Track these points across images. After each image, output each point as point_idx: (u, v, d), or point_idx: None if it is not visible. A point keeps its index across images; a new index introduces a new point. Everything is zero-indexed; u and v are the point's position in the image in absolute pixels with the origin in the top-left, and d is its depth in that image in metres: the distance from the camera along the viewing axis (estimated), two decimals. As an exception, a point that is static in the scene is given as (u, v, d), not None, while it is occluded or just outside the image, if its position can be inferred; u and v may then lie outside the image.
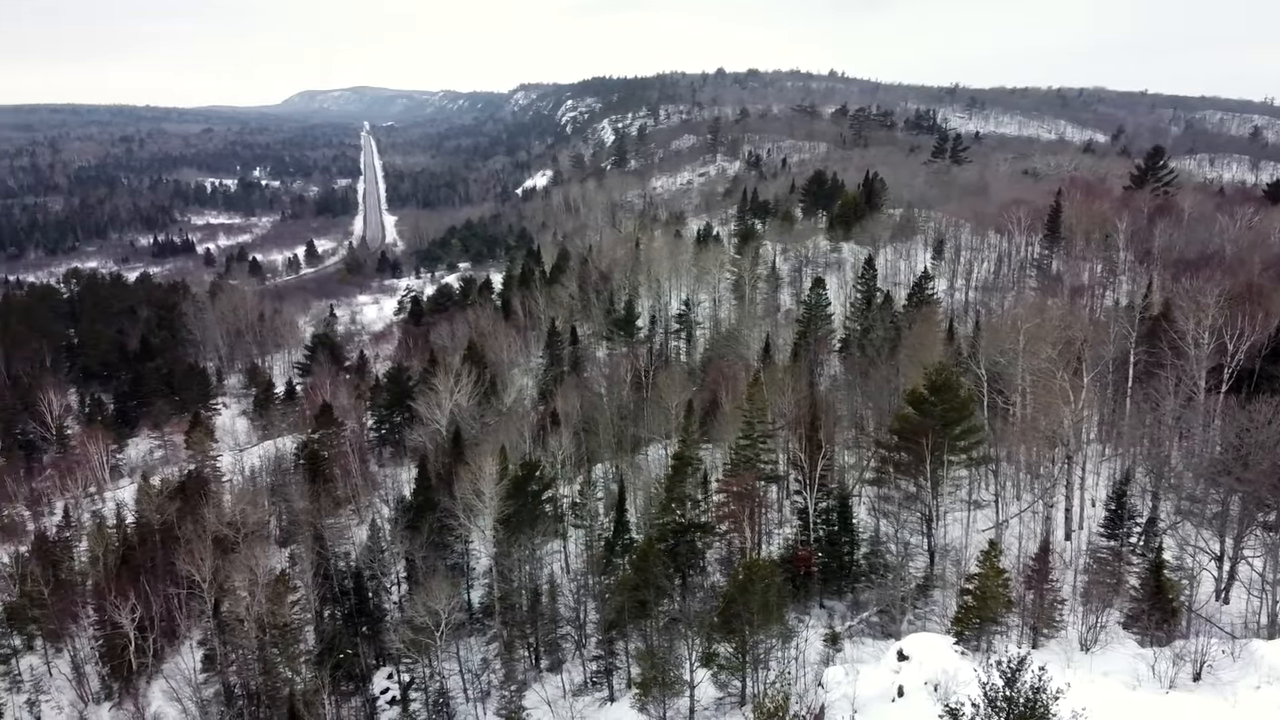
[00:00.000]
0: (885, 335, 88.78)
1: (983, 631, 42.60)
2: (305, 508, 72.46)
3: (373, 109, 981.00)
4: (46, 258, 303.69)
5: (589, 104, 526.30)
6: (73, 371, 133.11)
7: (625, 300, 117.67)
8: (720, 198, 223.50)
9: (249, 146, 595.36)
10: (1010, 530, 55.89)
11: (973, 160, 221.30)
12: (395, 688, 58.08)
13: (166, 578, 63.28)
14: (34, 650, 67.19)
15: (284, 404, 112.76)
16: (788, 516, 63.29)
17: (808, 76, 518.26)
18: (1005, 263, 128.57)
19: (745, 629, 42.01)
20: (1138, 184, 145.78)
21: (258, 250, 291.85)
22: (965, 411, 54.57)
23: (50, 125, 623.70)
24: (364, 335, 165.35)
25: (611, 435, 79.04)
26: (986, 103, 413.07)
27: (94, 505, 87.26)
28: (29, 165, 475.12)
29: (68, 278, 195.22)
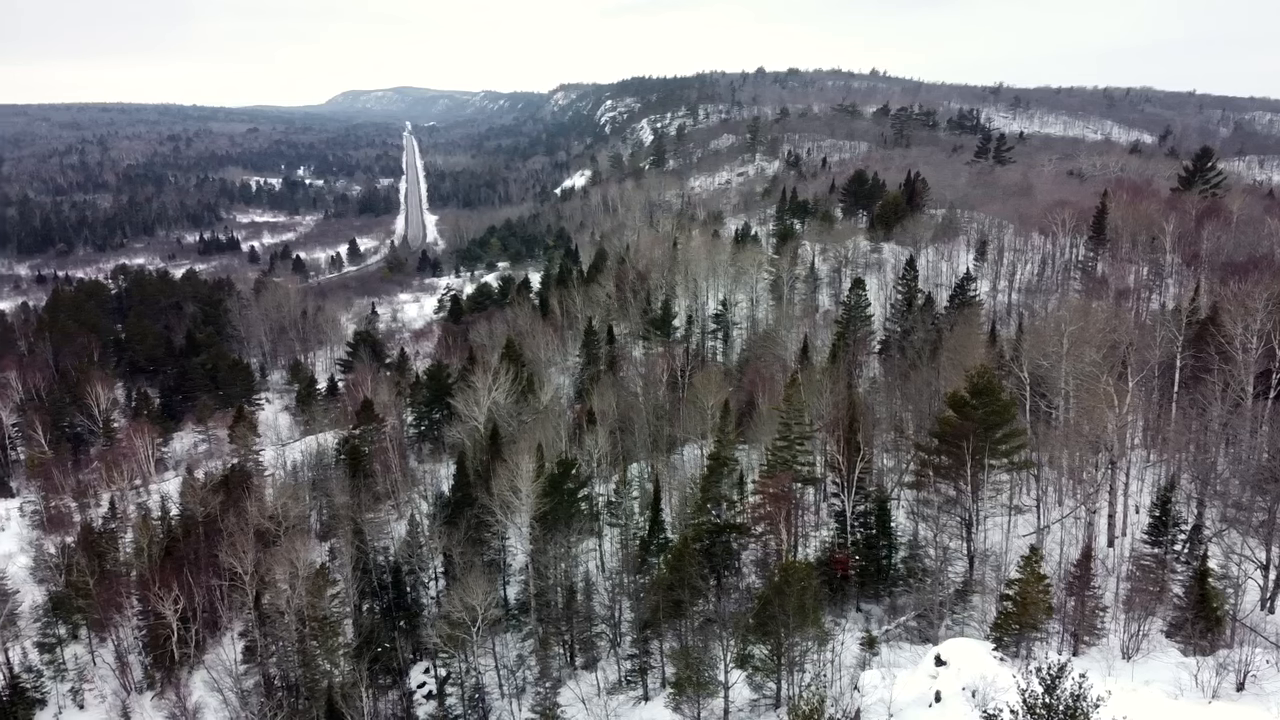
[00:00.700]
0: (926, 337, 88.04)
1: (1022, 638, 42.06)
2: (345, 502, 73.36)
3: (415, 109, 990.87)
4: (95, 254, 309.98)
5: (628, 104, 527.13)
6: (120, 366, 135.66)
7: (662, 300, 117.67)
8: (759, 197, 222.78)
9: (293, 146, 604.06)
10: (1052, 536, 55.15)
11: (1017, 160, 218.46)
12: (432, 682, 58.64)
13: (209, 569, 64.30)
14: (79, 639, 68.56)
15: (326, 400, 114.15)
16: (825, 519, 62.94)
17: (849, 75, 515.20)
18: (1049, 264, 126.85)
19: (781, 631, 41.85)
20: (1185, 185, 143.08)
21: (301, 248, 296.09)
22: (1007, 415, 53.89)
23: (99, 124, 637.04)
24: (405, 333, 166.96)
25: (647, 434, 79.13)
26: (1031, 102, 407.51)
27: (139, 497, 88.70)
28: (78, 163, 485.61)
29: (116, 274, 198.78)
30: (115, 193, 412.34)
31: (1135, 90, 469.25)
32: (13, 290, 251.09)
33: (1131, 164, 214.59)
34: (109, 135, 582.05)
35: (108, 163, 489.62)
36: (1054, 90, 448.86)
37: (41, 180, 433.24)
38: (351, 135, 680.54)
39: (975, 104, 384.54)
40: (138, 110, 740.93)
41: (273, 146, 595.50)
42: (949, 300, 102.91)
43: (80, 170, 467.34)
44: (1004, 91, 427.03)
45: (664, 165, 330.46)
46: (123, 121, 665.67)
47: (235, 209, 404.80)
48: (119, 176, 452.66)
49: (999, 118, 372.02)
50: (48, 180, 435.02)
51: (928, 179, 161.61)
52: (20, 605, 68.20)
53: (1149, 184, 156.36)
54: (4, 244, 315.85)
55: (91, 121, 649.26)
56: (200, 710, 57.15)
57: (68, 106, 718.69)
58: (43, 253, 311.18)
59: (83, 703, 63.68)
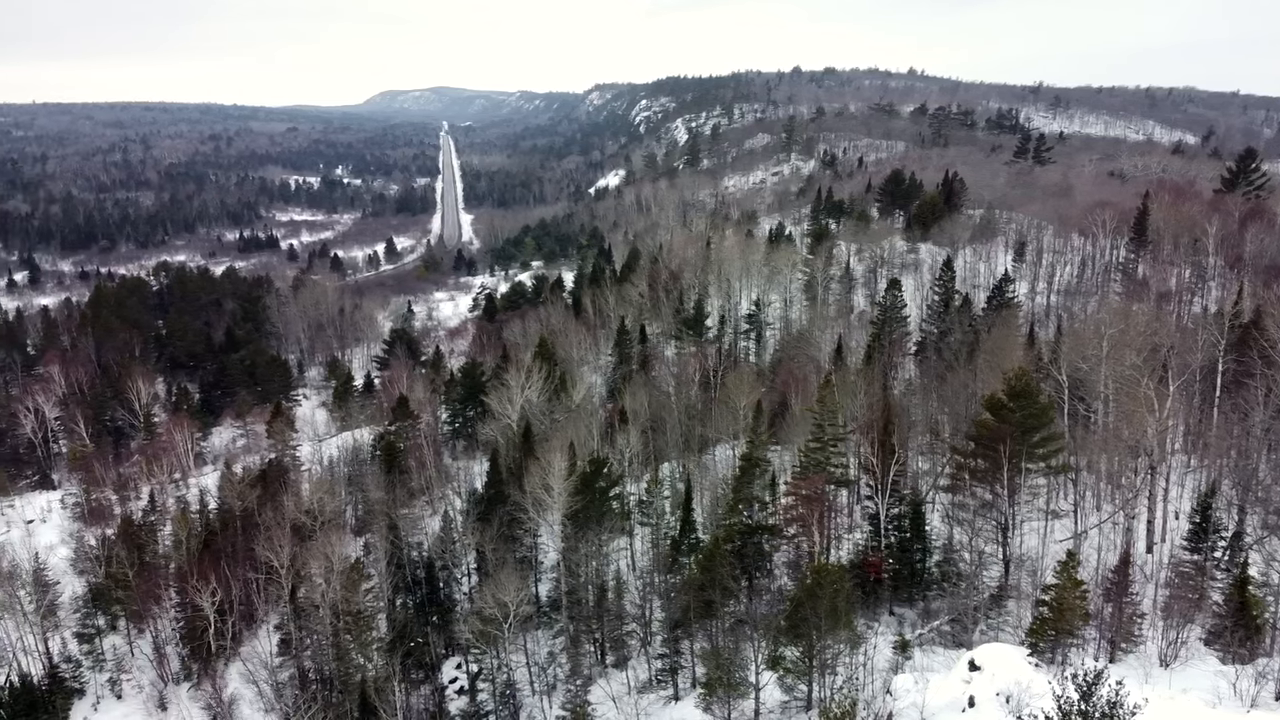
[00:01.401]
0: (963, 339, 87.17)
1: (1058, 644, 41.56)
2: (380, 498, 74.00)
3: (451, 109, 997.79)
4: (137, 251, 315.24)
5: (663, 103, 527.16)
6: (161, 361, 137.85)
7: (695, 300, 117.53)
8: (794, 197, 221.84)
9: (332, 145, 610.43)
10: (1089, 541, 54.43)
11: (1056, 161, 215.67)
12: (463, 678, 59.02)
13: (246, 563, 65.09)
14: (117, 630, 69.69)
15: (362, 396, 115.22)
16: (858, 522, 62.55)
17: (886, 75, 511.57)
18: (1089, 266, 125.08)
19: (812, 633, 41.67)
20: (1228, 187, 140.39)
21: (339, 247, 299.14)
22: (1045, 418, 53.24)
23: (142, 122, 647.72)
24: (440, 331, 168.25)
25: (679, 434, 79.08)
26: (1071, 102, 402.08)
27: (178, 491, 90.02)
28: (121, 161, 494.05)
29: (157, 270, 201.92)
30: (157, 190, 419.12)
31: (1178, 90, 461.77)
32: (56, 286, 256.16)
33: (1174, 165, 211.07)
34: (151, 134, 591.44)
35: (150, 161, 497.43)
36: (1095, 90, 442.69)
37: (85, 178, 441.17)
38: (389, 135, 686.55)
39: (1014, 103, 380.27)
40: (180, 109, 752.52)
41: (311, 146, 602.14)
42: (987, 302, 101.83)
43: (123, 168, 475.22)
44: (1044, 91, 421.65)
45: (698, 165, 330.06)
46: (165, 120, 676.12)
47: (274, 207, 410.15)
48: (161, 175, 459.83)
49: (1039, 117, 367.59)
50: (91, 178, 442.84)
51: (966, 179, 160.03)
52: (61, 596, 69.51)
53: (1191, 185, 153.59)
54: (48, 240, 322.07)
55: (134, 120, 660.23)
56: (236, 702, 57.94)
57: (111, 105, 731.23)
58: (86, 249, 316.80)
59: (120, 693, 64.72)
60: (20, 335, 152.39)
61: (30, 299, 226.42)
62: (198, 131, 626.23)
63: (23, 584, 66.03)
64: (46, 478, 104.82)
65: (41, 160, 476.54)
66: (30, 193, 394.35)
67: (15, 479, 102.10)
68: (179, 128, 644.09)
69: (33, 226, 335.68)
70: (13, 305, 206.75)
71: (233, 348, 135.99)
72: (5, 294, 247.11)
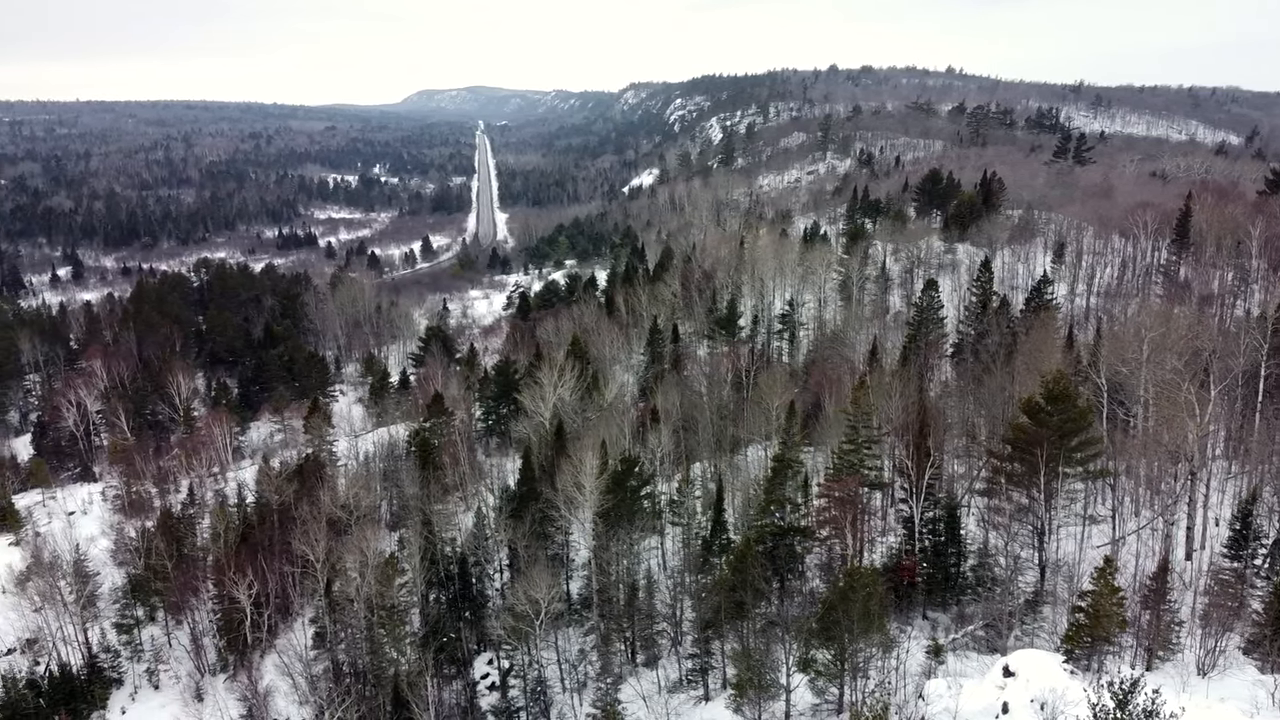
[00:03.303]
0: (1001, 341, 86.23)
1: (1094, 651, 41.06)
2: (415, 493, 74.62)
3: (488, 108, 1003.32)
4: (178, 247, 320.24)
5: (697, 102, 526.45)
6: (200, 356, 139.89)
7: (728, 299, 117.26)
8: (829, 196, 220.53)
9: (369, 144, 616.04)
10: (1127, 547, 53.69)
11: (1097, 161, 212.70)
12: (495, 673, 59.32)
13: (282, 556, 65.83)
14: (155, 621, 70.93)
15: (398, 393, 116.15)
16: (892, 525, 62.12)
17: (924, 73, 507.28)
18: (1130, 268, 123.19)
19: (844, 636, 41.46)
20: (1273, 188, 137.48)
21: (376, 244, 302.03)
22: (1083, 422, 52.52)
23: (184, 121, 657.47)
24: (474, 329, 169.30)
25: (711, 434, 78.91)
26: (1113, 101, 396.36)
27: (217, 484, 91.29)
28: (163, 159, 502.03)
29: (198, 267, 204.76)
30: (198, 188, 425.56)
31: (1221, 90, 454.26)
32: (99, 281, 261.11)
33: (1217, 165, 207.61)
34: (193, 132, 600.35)
35: (191, 159, 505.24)
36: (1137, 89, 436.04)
37: (128, 175, 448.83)
38: (426, 134, 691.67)
39: (1055, 102, 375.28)
40: (221, 108, 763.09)
41: (350, 145, 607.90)
42: (1025, 303, 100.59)
43: (165, 166, 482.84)
44: (1085, 90, 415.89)
45: (732, 163, 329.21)
46: (206, 119, 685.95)
47: (313, 205, 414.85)
48: (202, 172, 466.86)
49: (1079, 117, 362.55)
50: (134, 175, 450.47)
51: (1004, 179, 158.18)
52: (101, 587, 70.84)
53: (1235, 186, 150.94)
54: (91, 236, 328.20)
55: (176, 119, 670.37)
56: (271, 694, 58.59)
57: (153, 104, 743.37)
58: (128, 245, 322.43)
59: (158, 683, 65.81)
60: (64, 330, 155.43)
61: (74, 294, 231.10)
62: (238, 130, 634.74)
63: (63, 574, 67.36)
64: (88, 470, 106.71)
65: (85, 158, 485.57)
66: (74, 189, 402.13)
67: (57, 471, 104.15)
68: (220, 126, 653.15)
69: (76, 223, 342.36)
70: (56, 300, 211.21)
71: (271, 344, 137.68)
72: (49, 289, 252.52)
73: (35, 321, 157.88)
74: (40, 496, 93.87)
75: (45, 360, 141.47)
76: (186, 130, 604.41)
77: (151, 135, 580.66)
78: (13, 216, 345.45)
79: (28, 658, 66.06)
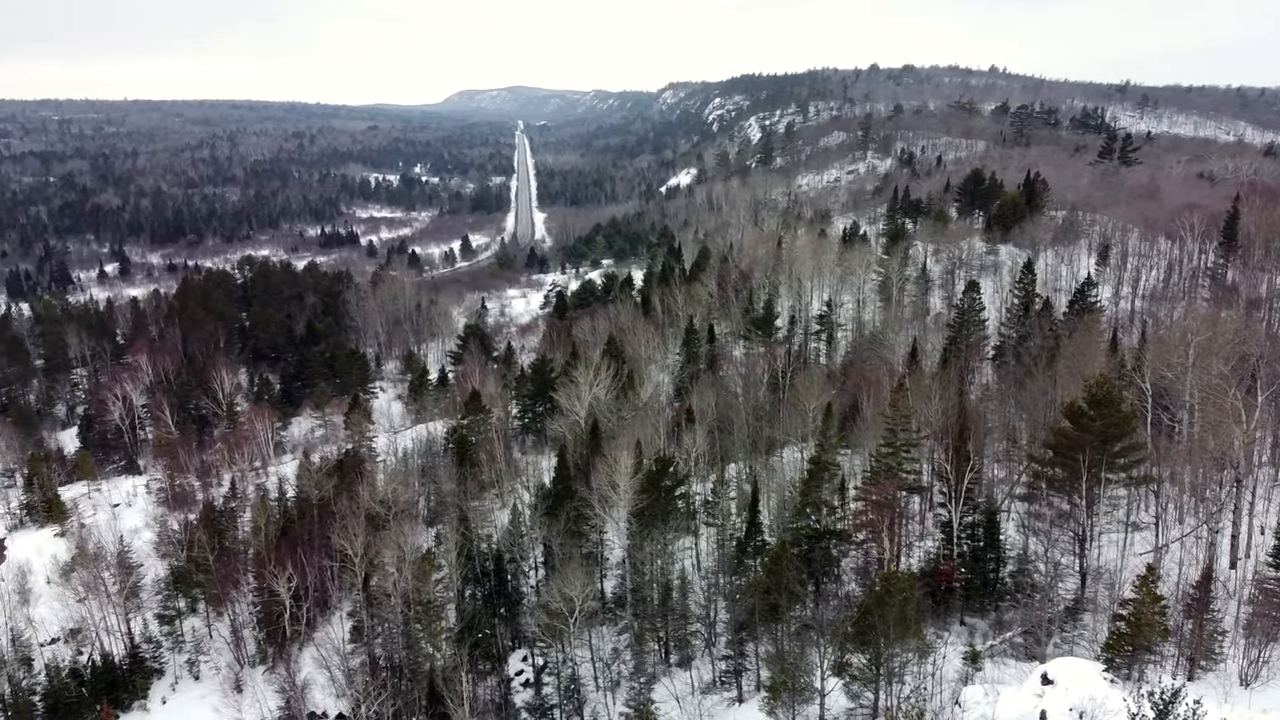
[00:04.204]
0: (1043, 344, 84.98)
1: (1135, 660, 40.40)
2: (452, 490, 75.22)
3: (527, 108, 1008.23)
4: (223, 245, 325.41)
5: (736, 101, 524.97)
6: (244, 352, 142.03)
7: (765, 299, 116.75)
8: (869, 196, 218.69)
9: (411, 144, 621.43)
10: (1170, 555, 52.74)
11: (1143, 162, 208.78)
12: (529, 670, 59.60)
13: (321, 550, 66.76)
14: (197, 613, 72.09)
15: (436, 390, 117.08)
16: (930, 529, 61.52)
17: (966, 72, 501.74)
18: (1176, 271, 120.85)
19: (880, 641, 41.11)
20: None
21: (417, 243, 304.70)
22: (1127, 427, 51.65)
23: (229, 120, 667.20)
24: (512, 327, 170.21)
25: (746, 435, 78.62)
26: (1159, 101, 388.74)
27: (258, 479, 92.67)
28: (209, 158, 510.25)
29: (241, 264, 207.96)
30: (243, 186, 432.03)
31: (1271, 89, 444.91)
32: (145, 278, 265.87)
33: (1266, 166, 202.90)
34: (238, 131, 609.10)
35: (236, 157, 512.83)
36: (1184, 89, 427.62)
37: (174, 173, 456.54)
38: (466, 134, 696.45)
39: (1100, 102, 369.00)
40: (265, 107, 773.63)
41: (391, 144, 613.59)
42: (1068, 306, 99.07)
43: (210, 164, 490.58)
44: (1131, 90, 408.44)
45: (771, 163, 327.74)
46: (251, 118, 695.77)
47: (355, 204, 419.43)
48: (246, 171, 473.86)
49: (1125, 117, 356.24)
50: (180, 173, 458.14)
51: (1048, 179, 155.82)
52: (144, 578, 72.22)
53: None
54: (138, 233, 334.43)
55: (222, 118, 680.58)
56: (308, 686, 59.31)
57: (200, 103, 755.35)
58: (174, 242, 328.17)
59: (198, 674, 66.87)
60: (111, 325, 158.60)
61: (120, 290, 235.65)
62: (282, 129, 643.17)
63: (107, 566, 68.69)
64: (133, 463, 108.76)
65: (132, 156, 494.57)
66: (121, 187, 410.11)
67: (103, 464, 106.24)
68: (265, 125, 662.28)
69: (123, 220, 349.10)
70: (104, 296, 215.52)
71: (313, 340, 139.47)
72: (97, 285, 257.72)
73: (83, 317, 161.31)
74: (86, 489, 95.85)
75: (92, 355, 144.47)
76: (232, 129, 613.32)
77: (197, 134, 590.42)
78: (62, 213, 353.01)
79: (71, 647, 67.49)
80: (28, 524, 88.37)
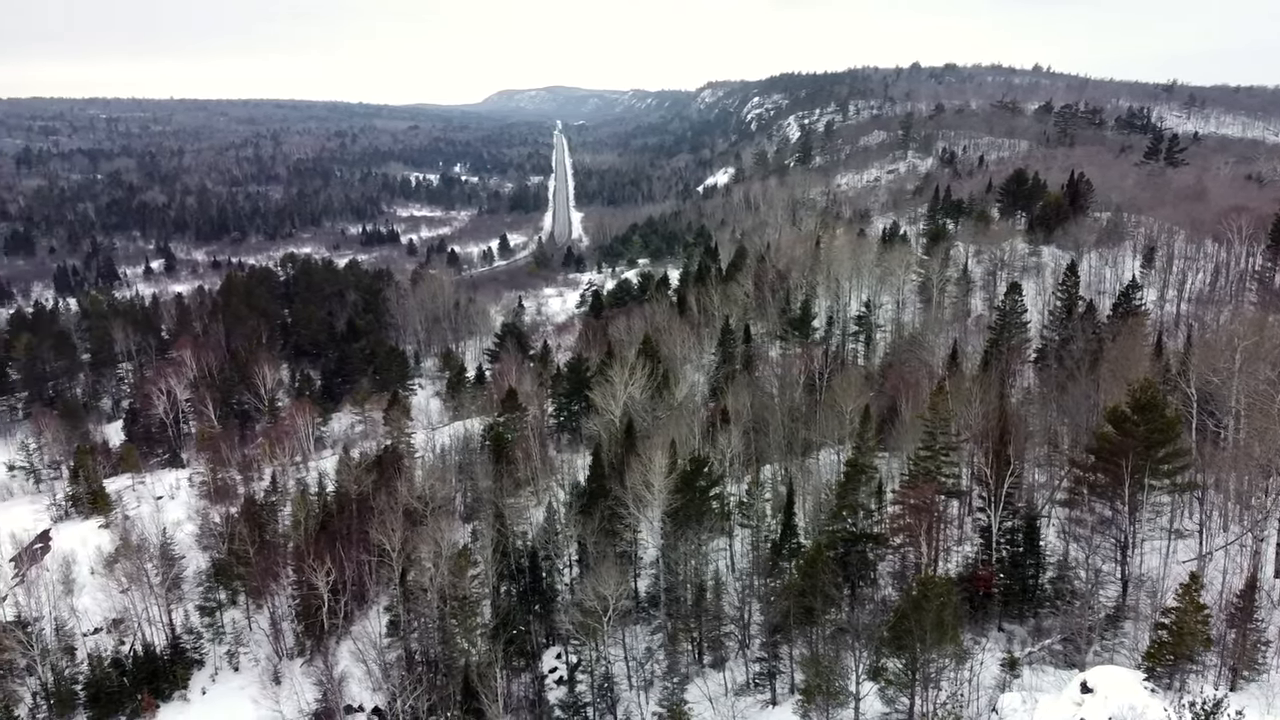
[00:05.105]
0: (1086, 347, 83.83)
1: (1176, 669, 39.75)
2: (488, 487, 75.68)
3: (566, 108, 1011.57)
4: (266, 242, 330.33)
5: (775, 100, 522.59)
6: (285, 348, 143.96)
7: (802, 300, 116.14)
8: (909, 196, 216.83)
9: (451, 143, 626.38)
10: (1214, 563, 51.72)
11: (1190, 163, 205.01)
12: (563, 668, 59.84)
13: (360, 545, 67.42)
14: (237, 605, 73.18)
15: (474, 387, 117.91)
16: (968, 534, 60.88)
17: (1010, 71, 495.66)
18: (1223, 274, 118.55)
19: (916, 646, 40.73)
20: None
21: (456, 242, 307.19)
22: (1171, 433, 50.77)
23: (273, 119, 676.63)
24: (548, 326, 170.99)
25: (782, 436, 78.24)
26: (1207, 101, 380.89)
27: (298, 473, 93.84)
28: (253, 156, 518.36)
29: (284, 262, 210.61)
30: (286, 185, 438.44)
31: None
32: (190, 274, 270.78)
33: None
34: (281, 130, 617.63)
35: (279, 156, 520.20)
36: (1232, 89, 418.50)
37: (219, 171, 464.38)
38: (505, 134, 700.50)
39: (1146, 102, 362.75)
40: (308, 107, 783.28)
41: (432, 144, 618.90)
42: (1112, 309, 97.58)
43: (254, 163, 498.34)
44: (1178, 89, 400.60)
45: (810, 162, 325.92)
46: (294, 117, 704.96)
47: (395, 203, 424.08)
48: (289, 170, 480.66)
49: (1171, 117, 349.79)
50: (224, 172, 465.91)
51: (1092, 180, 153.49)
52: (185, 570, 73.39)
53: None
54: (183, 231, 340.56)
55: (266, 117, 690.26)
56: (345, 679, 60.00)
57: (244, 102, 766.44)
58: (218, 240, 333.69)
59: (238, 665, 67.87)
60: (156, 321, 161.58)
61: (165, 286, 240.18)
62: (325, 128, 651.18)
63: (150, 557, 69.93)
64: (176, 456, 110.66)
65: (178, 154, 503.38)
66: (167, 185, 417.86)
67: (147, 457, 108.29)
68: (307, 125, 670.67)
69: (169, 217, 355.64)
70: (149, 292, 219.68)
71: (354, 337, 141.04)
72: (143, 281, 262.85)
73: (129, 312, 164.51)
74: (130, 481, 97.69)
75: (138, 350, 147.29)
76: (275, 128, 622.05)
77: (242, 133, 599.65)
78: (109, 210, 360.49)
79: (113, 637, 68.79)
80: (73, 515, 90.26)
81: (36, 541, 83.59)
